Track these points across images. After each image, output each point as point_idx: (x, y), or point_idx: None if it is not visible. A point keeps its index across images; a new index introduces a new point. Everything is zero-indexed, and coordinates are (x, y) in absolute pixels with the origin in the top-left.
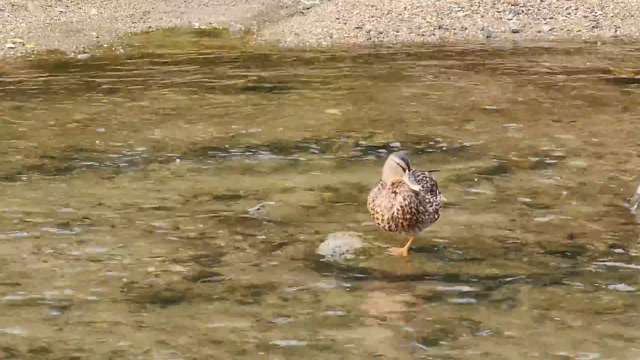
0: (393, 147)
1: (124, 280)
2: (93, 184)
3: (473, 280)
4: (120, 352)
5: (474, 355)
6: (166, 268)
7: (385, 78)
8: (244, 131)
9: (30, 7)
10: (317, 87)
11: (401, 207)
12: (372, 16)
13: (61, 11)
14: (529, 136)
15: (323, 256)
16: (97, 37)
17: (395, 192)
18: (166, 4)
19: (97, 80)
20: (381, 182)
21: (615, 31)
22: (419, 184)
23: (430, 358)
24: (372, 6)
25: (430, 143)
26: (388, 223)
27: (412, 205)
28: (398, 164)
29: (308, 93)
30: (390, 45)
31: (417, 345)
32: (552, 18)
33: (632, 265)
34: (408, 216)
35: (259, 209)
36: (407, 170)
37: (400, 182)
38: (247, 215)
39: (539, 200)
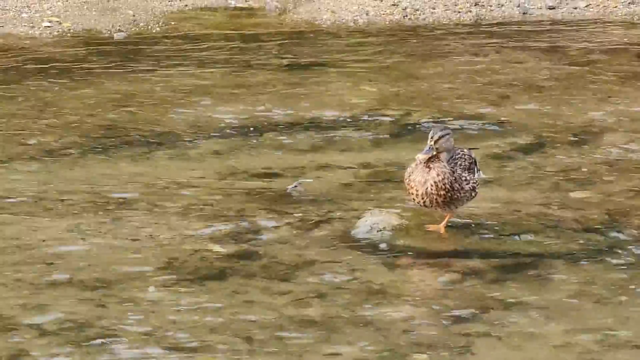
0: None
1: (162, 258)
2: (130, 162)
3: (510, 256)
4: (158, 329)
5: (511, 332)
6: (204, 246)
7: (421, 55)
8: (280, 109)
9: None
10: (354, 64)
11: (434, 182)
12: None
13: None
14: (566, 113)
15: (360, 233)
16: (134, 16)
17: (429, 168)
18: None
19: (133, 58)
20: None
21: None
22: (456, 162)
23: (467, 335)
24: None
25: (467, 120)
26: (422, 198)
27: (446, 181)
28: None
29: (344, 70)
30: (427, 22)
31: (454, 321)
32: None
33: None
34: (442, 192)
35: (296, 186)
36: (429, 140)
37: (435, 157)
38: (284, 193)
39: (576, 177)
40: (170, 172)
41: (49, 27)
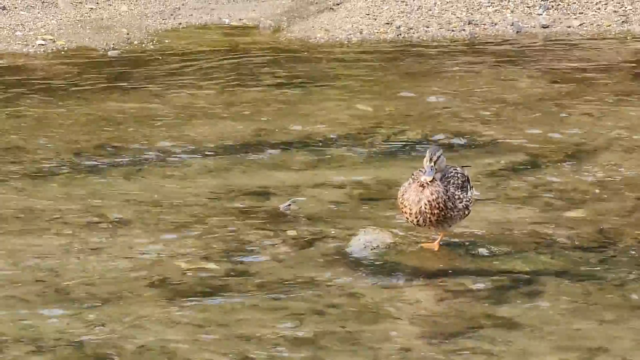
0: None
1: (155, 276)
2: (124, 180)
3: (504, 275)
4: (151, 347)
5: (505, 350)
6: (197, 264)
7: (415, 74)
8: (274, 127)
9: (60, 4)
10: (348, 83)
11: (428, 201)
12: (402, 12)
13: (91, 8)
14: (560, 131)
15: (354, 252)
16: (128, 34)
17: (422, 186)
18: (196, 0)
19: (127, 76)
20: (412, 175)
21: None
22: (449, 180)
23: (460, 353)
24: (402, 2)
25: (460, 138)
26: (416, 217)
27: (440, 200)
28: (425, 155)
29: (338, 89)
30: (420, 40)
31: (447, 340)
32: (581, 13)
33: None
34: (436, 211)
35: (289, 205)
36: (428, 162)
37: None
38: (278, 211)
39: (569, 195)
40: (163, 190)
41: (42, 45)
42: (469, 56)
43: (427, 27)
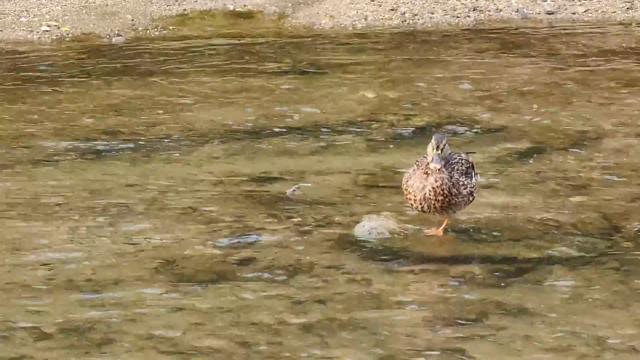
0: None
1: (160, 261)
2: (128, 166)
3: (508, 261)
4: (156, 333)
5: (509, 337)
6: (202, 249)
7: (420, 60)
8: (279, 113)
9: None
10: (352, 69)
11: (432, 188)
12: None
13: None
14: (564, 117)
15: (358, 238)
16: (132, 20)
17: (427, 173)
18: None
19: (131, 63)
20: (417, 162)
21: None
22: (454, 166)
23: (465, 339)
24: None
25: (465, 125)
26: (420, 204)
27: (444, 186)
28: (430, 143)
29: (343, 75)
30: (425, 27)
31: (451, 326)
32: None
33: None
34: (440, 197)
35: (294, 190)
36: (435, 149)
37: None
38: (284, 197)
39: (574, 182)
40: (168, 176)
41: (47, 31)
42: (473, 43)
43: (432, 14)
